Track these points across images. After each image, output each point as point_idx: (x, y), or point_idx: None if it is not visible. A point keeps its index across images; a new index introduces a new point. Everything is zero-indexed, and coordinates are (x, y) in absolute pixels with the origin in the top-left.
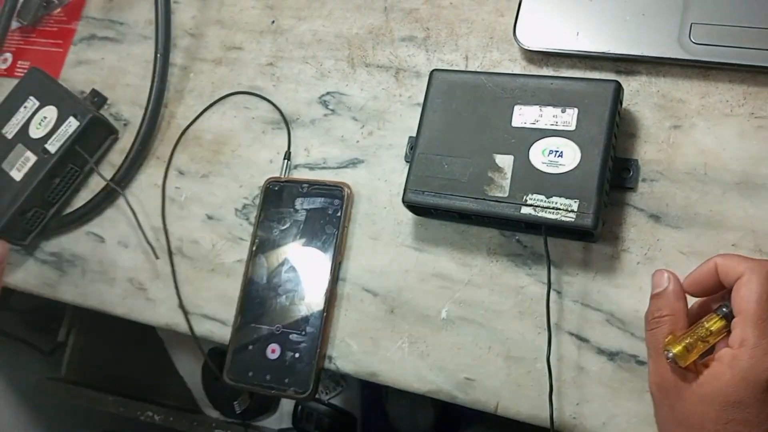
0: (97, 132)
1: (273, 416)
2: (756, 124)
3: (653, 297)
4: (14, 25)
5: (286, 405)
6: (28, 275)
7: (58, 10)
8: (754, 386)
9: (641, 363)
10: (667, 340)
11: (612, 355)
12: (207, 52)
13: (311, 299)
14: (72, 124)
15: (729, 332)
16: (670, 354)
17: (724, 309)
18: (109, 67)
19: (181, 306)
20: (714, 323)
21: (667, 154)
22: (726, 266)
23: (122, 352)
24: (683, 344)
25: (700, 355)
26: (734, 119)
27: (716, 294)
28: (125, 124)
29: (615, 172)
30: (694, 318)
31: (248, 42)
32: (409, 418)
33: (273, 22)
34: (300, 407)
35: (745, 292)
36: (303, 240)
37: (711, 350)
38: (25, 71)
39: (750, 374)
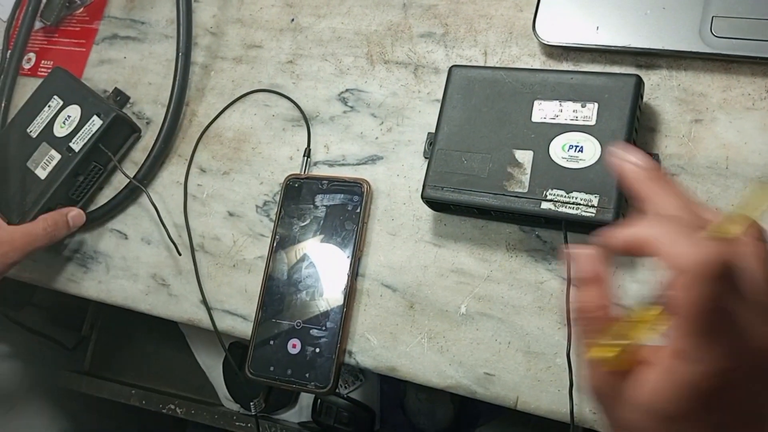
0: (119, 130)
1: (292, 410)
2: None
3: (580, 287)
4: (37, 25)
5: (306, 399)
6: (52, 272)
7: (81, 10)
8: (692, 401)
9: None
10: (593, 348)
11: None
12: (227, 51)
13: (331, 295)
14: (95, 123)
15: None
16: (598, 359)
17: (660, 299)
18: (131, 66)
19: (204, 302)
20: (649, 314)
21: (688, 149)
22: (668, 252)
23: (144, 347)
24: (608, 346)
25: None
26: (756, 113)
27: None
28: (147, 123)
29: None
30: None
31: (268, 40)
32: (428, 413)
33: (292, 20)
34: (319, 401)
35: (686, 298)
36: (323, 236)
37: None
38: (49, 71)
39: (687, 390)
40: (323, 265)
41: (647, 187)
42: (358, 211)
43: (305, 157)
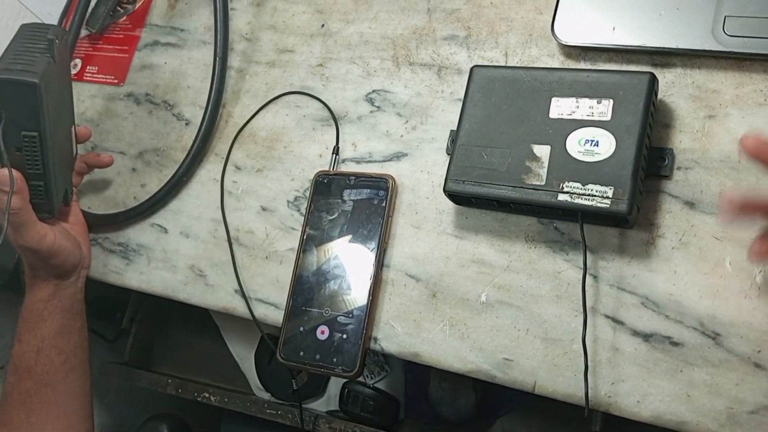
0: None
1: (321, 399)
2: None
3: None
4: (83, 33)
5: (333, 388)
6: (97, 264)
7: (124, 18)
8: None
9: (675, 344)
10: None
11: (647, 337)
12: (261, 55)
13: (358, 284)
14: None
15: None
16: None
17: None
18: (171, 71)
19: (241, 290)
20: None
21: (701, 143)
22: None
23: (181, 340)
24: None
25: None
26: None
27: None
28: (186, 124)
29: (651, 160)
30: None
31: (299, 45)
32: (451, 402)
33: (322, 25)
34: (346, 390)
35: None
36: (350, 229)
37: None
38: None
39: None
40: (350, 257)
41: None
42: (384, 205)
43: (334, 155)
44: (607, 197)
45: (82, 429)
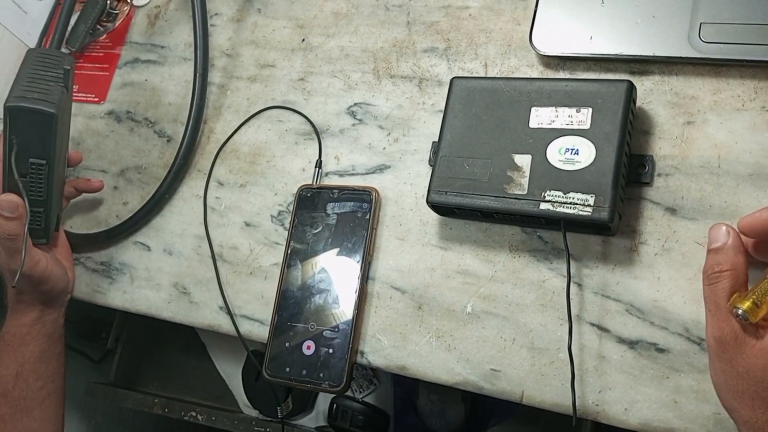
0: None
1: (309, 415)
2: (767, 118)
3: (711, 252)
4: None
5: (322, 404)
6: (79, 283)
7: (104, 36)
8: None
9: (661, 351)
10: (734, 297)
11: (632, 344)
12: (242, 71)
13: (343, 298)
14: None
15: None
16: (740, 311)
17: None
18: (152, 87)
19: (227, 307)
20: None
21: (681, 150)
22: None
23: (167, 358)
24: (751, 300)
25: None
26: (746, 113)
27: None
28: (168, 141)
29: (631, 168)
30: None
31: (280, 59)
32: (440, 414)
33: (303, 40)
34: (335, 406)
35: None
36: (334, 242)
37: None
38: (75, 93)
39: None
40: (335, 270)
41: None
42: (368, 217)
43: (317, 168)
44: (589, 205)
45: None
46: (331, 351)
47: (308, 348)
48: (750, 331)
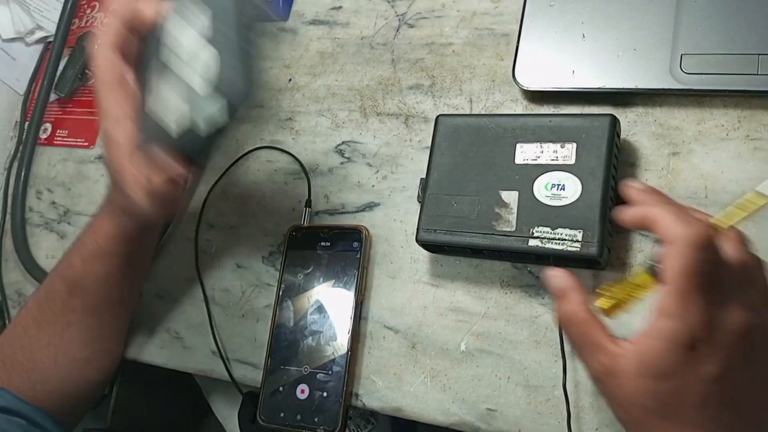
0: None
1: None
2: (752, 146)
3: (559, 300)
4: (52, 97)
5: None
6: None
7: (92, 81)
8: (677, 354)
9: None
10: (598, 299)
11: None
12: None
13: (336, 339)
14: None
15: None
16: (596, 305)
17: (651, 264)
18: None
19: (219, 351)
20: (640, 278)
21: (667, 180)
22: (664, 226)
23: (164, 402)
24: (612, 302)
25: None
26: (731, 142)
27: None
28: None
29: (619, 200)
30: None
31: (268, 99)
32: None
33: (290, 80)
34: None
35: (673, 264)
36: (326, 282)
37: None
38: (64, 140)
39: (673, 344)
40: (327, 311)
41: (649, 197)
42: (358, 256)
43: (306, 208)
44: (577, 240)
45: (107, 360)
46: (325, 394)
47: (302, 392)
48: (620, 358)
